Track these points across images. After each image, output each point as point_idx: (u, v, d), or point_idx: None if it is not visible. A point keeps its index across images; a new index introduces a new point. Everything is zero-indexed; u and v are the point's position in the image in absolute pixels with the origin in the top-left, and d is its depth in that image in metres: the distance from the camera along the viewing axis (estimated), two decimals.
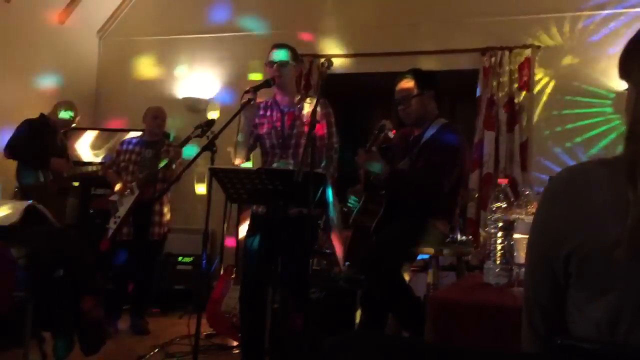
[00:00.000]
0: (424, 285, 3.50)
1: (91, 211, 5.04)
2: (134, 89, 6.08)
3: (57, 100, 4.98)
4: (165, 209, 4.47)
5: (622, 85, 1.12)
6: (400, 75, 3.26)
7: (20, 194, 4.59)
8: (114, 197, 4.33)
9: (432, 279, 3.13)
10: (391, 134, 3.12)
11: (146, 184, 4.28)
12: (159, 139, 4.54)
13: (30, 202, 3.10)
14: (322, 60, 2.81)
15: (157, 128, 4.54)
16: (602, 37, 4.76)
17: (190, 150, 4.26)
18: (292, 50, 3.26)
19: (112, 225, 4.25)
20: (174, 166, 4.35)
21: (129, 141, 4.52)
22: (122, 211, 4.25)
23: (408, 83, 3.20)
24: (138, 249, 4.31)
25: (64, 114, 4.77)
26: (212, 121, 3.96)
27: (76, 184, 5.16)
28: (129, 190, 4.28)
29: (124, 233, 4.27)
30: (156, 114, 4.55)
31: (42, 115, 4.83)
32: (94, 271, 3.05)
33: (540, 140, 4.93)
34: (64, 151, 4.97)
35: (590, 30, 4.82)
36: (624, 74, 1.11)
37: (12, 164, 4.70)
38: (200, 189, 5.68)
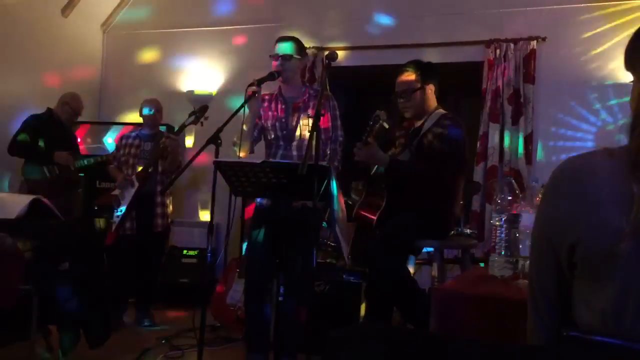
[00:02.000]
0: (429, 278, 3.50)
1: (96, 208, 5.05)
2: (138, 82, 6.08)
3: (62, 94, 4.98)
4: (167, 201, 4.46)
5: (628, 78, 1.12)
6: (401, 67, 3.25)
7: (26, 189, 4.61)
8: (116, 192, 4.33)
9: (437, 272, 3.13)
10: (386, 125, 3.10)
11: (145, 177, 4.27)
12: (157, 131, 4.52)
13: (35, 195, 3.11)
14: (326, 52, 2.80)
15: (152, 120, 4.51)
16: (608, 30, 4.73)
17: None
18: (297, 43, 3.25)
19: (115, 220, 4.25)
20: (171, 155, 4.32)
21: (129, 135, 4.51)
22: (123, 205, 4.25)
23: (409, 76, 3.18)
24: (142, 242, 4.31)
25: (145, 111, 4.53)
26: (206, 107, 3.95)
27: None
28: (129, 184, 4.28)
29: (127, 227, 4.27)
30: (149, 106, 4.54)
31: (48, 109, 4.83)
32: (99, 264, 3.06)
33: (545, 133, 4.91)
34: (73, 144, 4.97)
35: (597, 22, 4.79)
36: (629, 65, 1.11)
37: (19, 158, 4.71)
38: None
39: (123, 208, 4.25)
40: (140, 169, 4.28)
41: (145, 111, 4.48)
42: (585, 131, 4.79)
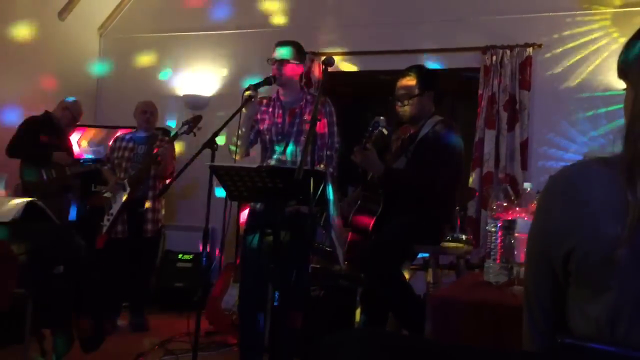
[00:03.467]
0: (424, 284, 3.50)
1: (87, 207, 5.04)
2: (134, 86, 6.08)
3: (58, 97, 4.98)
4: (160, 206, 4.44)
5: (623, 85, 1.12)
6: (403, 72, 3.26)
7: (22, 191, 4.60)
8: (107, 194, 4.31)
9: (432, 278, 3.13)
10: (385, 131, 3.11)
11: (137, 181, 4.26)
12: (151, 134, 4.50)
13: (30, 198, 3.10)
14: (324, 58, 2.80)
15: (147, 123, 4.49)
16: (604, 37, 4.75)
17: None
18: (296, 47, 3.25)
19: (105, 223, 4.24)
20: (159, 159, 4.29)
21: (122, 137, 4.49)
22: (115, 208, 4.24)
23: (410, 81, 3.20)
24: (134, 246, 4.30)
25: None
26: (199, 117, 3.96)
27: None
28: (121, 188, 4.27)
29: (119, 231, 4.25)
30: (144, 108, 4.51)
31: (46, 112, 4.83)
32: (93, 268, 3.05)
33: (541, 139, 4.92)
34: (69, 149, 4.97)
35: (593, 29, 4.81)
36: (622, 73, 1.11)
37: (15, 161, 4.70)
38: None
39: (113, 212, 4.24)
40: (132, 173, 4.27)
41: (139, 114, 4.47)
42: (580, 138, 4.81)
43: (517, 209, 2.03)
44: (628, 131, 1.03)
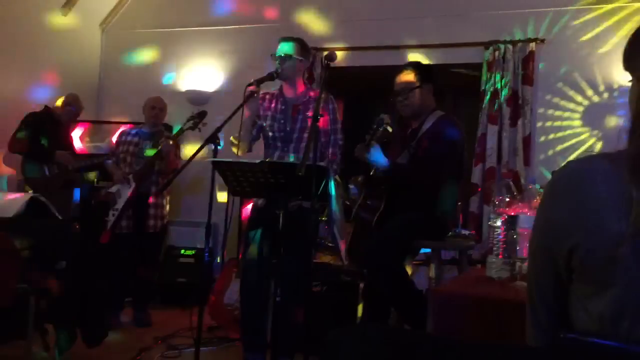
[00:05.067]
0: (426, 279, 3.51)
1: (92, 202, 5.04)
2: (136, 82, 6.07)
3: (60, 92, 4.98)
4: (164, 201, 4.44)
5: (627, 79, 1.12)
6: (400, 68, 3.28)
7: (25, 187, 4.60)
8: (113, 189, 4.32)
9: (434, 273, 3.14)
10: (389, 128, 3.11)
11: (142, 176, 4.26)
12: (158, 129, 4.50)
13: (33, 194, 3.11)
14: (326, 53, 2.80)
15: (155, 118, 4.49)
16: (607, 31, 4.74)
17: None
18: (300, 43, 3.24)
19: (110, 218, 4.24)
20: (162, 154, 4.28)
21: (128, 132, 4.49)
22: (120, 203, 4.24)
23: (408, 75, 3.21)
24: (139, 241, 4.30)
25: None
26: (204, 112, 3.95)
27: (92, 174, 5.14)
28: (126, 182, 4.27)
29: (123, 226, 4.25)
30: (154, 104, 4.51)
31: (46, 107, 4.83)
32: (96, 263, 3.06)
33: (544, 134, 4.91)
34: (70, 144, 4.97)
35: (595, 24, 4.79)
36: (627, 66, 1.11)
37: (18, 157, 4.71)
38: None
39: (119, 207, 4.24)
40: (137, 168, 4.27)
41: (148, 109, 4.46)
42: (583, 133, 4.79)
43: (520, 204, 2.03)
44: (633, 125, 1.02)
